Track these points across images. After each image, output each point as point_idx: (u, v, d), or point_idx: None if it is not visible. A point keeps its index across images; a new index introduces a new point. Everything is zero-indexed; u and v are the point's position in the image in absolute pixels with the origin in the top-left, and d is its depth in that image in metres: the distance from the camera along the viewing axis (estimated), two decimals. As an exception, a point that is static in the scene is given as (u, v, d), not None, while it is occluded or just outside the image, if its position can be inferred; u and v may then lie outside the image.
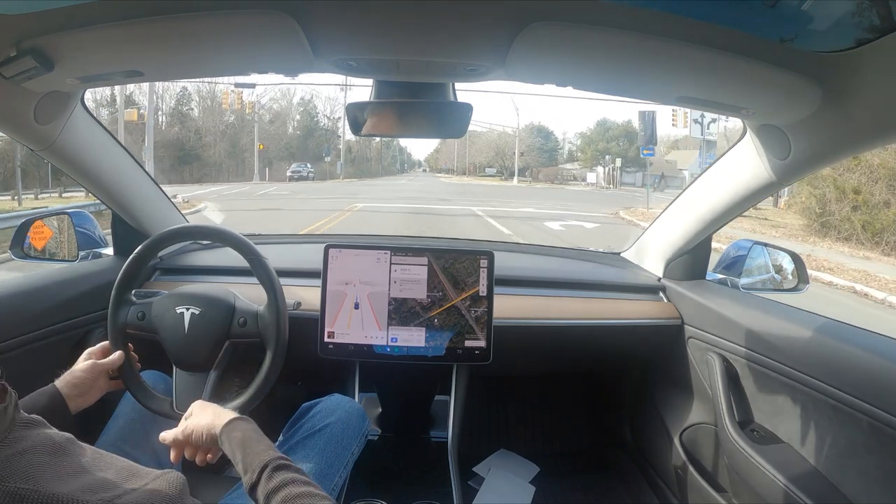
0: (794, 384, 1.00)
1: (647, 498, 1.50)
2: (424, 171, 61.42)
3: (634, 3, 0.63)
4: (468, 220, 10.91)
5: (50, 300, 1.11)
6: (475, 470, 1.63)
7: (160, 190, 1.40)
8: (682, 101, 0.84)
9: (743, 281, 1.33)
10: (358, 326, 1.18)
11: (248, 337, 0.99)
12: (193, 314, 0.98)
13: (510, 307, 1.31)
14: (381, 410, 1.36)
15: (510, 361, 1.28)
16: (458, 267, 1.19)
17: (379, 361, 1.19)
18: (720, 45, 0.66)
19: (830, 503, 0.89)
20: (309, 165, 31.58)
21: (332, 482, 0.92)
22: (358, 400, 1.28)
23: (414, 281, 1.18)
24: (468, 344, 1.18)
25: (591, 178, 32.86)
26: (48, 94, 0.88)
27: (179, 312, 0.98)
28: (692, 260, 1.38)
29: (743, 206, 1.14)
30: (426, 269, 1.18)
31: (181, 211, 1.50)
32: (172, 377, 1.01)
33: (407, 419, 1.35)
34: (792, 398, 1.03)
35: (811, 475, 0.95)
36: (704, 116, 19.20)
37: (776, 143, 0.90)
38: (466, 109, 0.89)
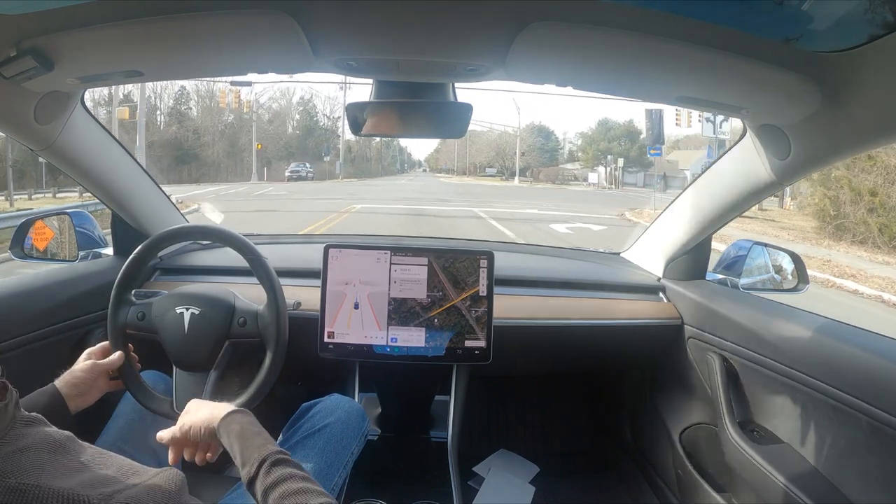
0: (794, 384, 1.00)
1: (647, 498, 1.50)
2: (424, 171, 61.40)
3: (634, 3, 0.63)
4: (470, 222, 10.70)
5: (50, 300, 1.11)
6: (475, 470, 1.63)
7: (160, 190, 1.40)
8: (681, 101, 0.84)
9: (743, 281, 1.33)
10: (358, 326, 1.18)
11: (248, 337, 0.99)
12: (193, 314, 0.98)
13: (510, 307, 1.31)
14: (380, 410, 1.36)
15: (510, 361, 1.27)
16: (457, 267, 1.19)
17: (379, 361, 1.19)
18: (720, 45, 0.66)
19: (830, 503, 0.89)
20: (308, 165, 31.53)
21: (331, 482, 0.92)
22: (358, 400, 1.28)
23: (414, 281, 1.18)
24: (468, 344, 1.18)
25: (592, 178, 32.85)
26: (48, 94, 0.88)
27: (179, 312, 0.98)
28: (692, 260, 1.38)
29: (743, 206, 1.14)
30: (426, 269, 1.18)
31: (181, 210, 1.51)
32: (172, 377, 1.01)
33: (407, 419, 1.35)
34: (792, 398, 1.03)
35: (811, 475, 0.95)
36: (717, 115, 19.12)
37: (776, 143, 0.90)
38: (466, 109, 0.89)
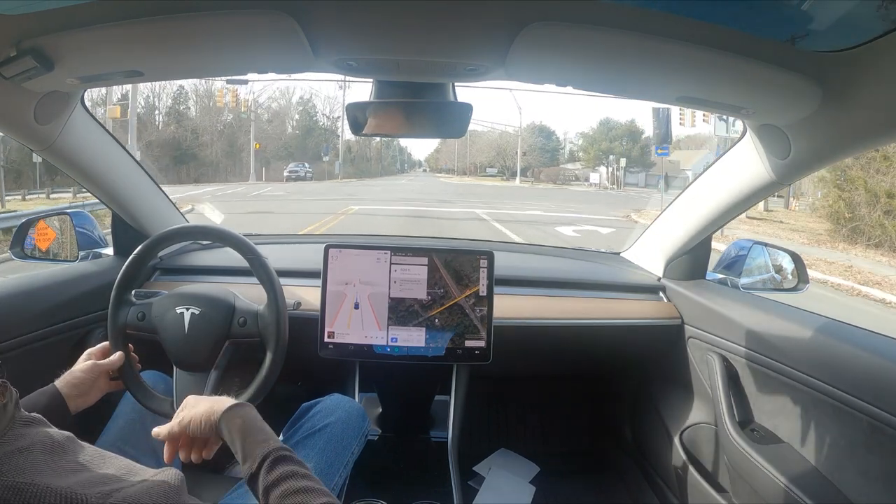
0: (794, 384, 1.00)
1: (647, 498, 1.50)
2: (425, 171, 61.30)
3: (634, 3, 0.63)
4: (472, 224, 10.47)
5: (50, 300, 1.11)
6: (475, 470, 1.63)
7: (160, 190, 1.40)
8: (682, 100, 0.84)
9: (743, 281, 1.33)
10: (358, 326, 1.18)
11: (248, 337, 0.99)
12: (193, 314, 0.98)
13: (510, 307, 1.31)
14: (381, 410, 1.36)
15: (510, 361, 1.27)
16: (458, 266, 1.19)
17: (379, 361, 1.19)
18: (720, 44, 0.66)
19: (830, 503, 0.89)
20: (307, 165, 31.45)
21: (332, 482, 0.92)
22: (358, 400, 1.28)
23: (414, 281, 1.18)
24: (468, 344, 1.18)
25: (593, 178, 32.79)
26: (48, 94, 0.88)
27: (179, 312, 0.98)
28: (692, 260, 1.38)
29: (743, 206, 1.14)
30: (426, 268, 1.18)
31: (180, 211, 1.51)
32: (172, 377, 1.01)
33: (407, 419, 1.35)
34: (792, 398, 1.03)
35: (811, 475, 0.95)
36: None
37: (776, 142, 0.90)
38: (466, 109, 0.89)
